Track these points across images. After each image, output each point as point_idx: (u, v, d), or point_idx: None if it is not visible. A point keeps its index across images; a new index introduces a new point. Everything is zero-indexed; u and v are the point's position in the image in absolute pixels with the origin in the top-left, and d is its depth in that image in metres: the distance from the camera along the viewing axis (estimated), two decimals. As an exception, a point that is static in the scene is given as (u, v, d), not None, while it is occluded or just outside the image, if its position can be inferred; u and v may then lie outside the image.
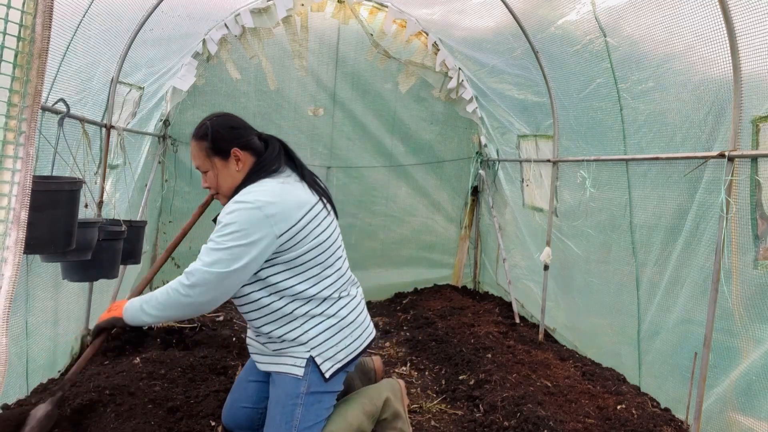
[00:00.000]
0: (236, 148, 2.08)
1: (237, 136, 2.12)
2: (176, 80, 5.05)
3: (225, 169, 2.09)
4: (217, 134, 2.08)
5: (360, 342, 2.23)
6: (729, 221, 2.77)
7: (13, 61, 1.18)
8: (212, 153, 2.08)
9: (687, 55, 3.09)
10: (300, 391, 2.09)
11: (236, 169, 2.10)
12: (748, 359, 2.72)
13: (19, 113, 1.18)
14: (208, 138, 2.08)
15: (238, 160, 2.09)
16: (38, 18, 1.17)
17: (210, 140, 2.08)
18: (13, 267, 1.14)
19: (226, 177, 2.10)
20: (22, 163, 1.18)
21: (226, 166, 2.09)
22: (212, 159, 2.08)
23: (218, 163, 2.08)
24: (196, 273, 1.93)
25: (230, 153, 2.08)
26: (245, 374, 2.44)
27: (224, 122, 2.14)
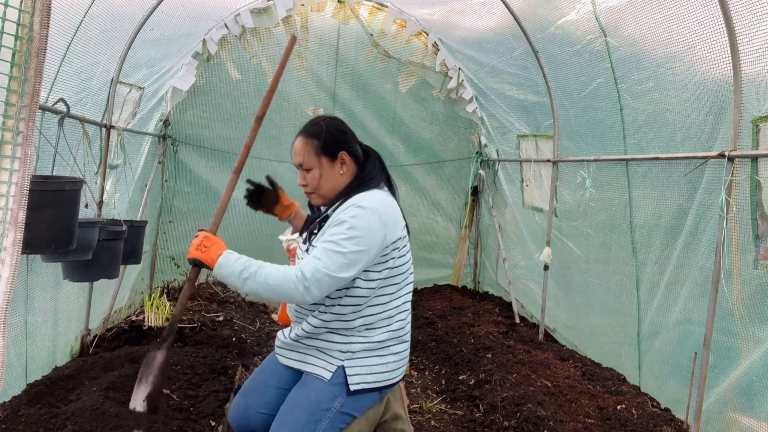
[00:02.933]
0: (344, 152, 2.12)
1: (346, 140, 2.16)
2: (176, 80, 5.05)
3: (330, 169, 2.11)
4: (330, 135, 2.12)
5: (392, 376, 2.20)
6: (729, 221, 2.76)
7: (10, 60, 1.18)
8: (321, 152, 2.10)
9: (687, 55, 3.09)
10: (334, 405, 2.04)
11: (340, 172, 2.12)
12: (748, 359, 2.72)
13: (17, 113, 1.17)
14: (320, 137, 2.10)
15: (342, 164, 2.12)
16: (36, 16, 1.17)
17: (321, 139, 2.10)
18: (11, 268, 1.14)
19: (329, 178, 2.12)
20: (20, 163, 1.18)
21: (331, 167, 2.11)
22: (320, 158, 2.10)
23: (325, 163, 2.10)
24: (316, 274, 1.90)
25: (338, 155, 2.11)
26: (266, 378, 2.30)
27: (336, 125, 2.18)
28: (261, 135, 6.32)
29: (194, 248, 2.05)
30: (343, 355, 2.08)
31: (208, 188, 5.63)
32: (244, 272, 1.95)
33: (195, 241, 2.07)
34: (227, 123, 5.63)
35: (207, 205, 5.64)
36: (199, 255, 2.04)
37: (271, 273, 1.94)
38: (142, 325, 4.38)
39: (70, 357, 3.67)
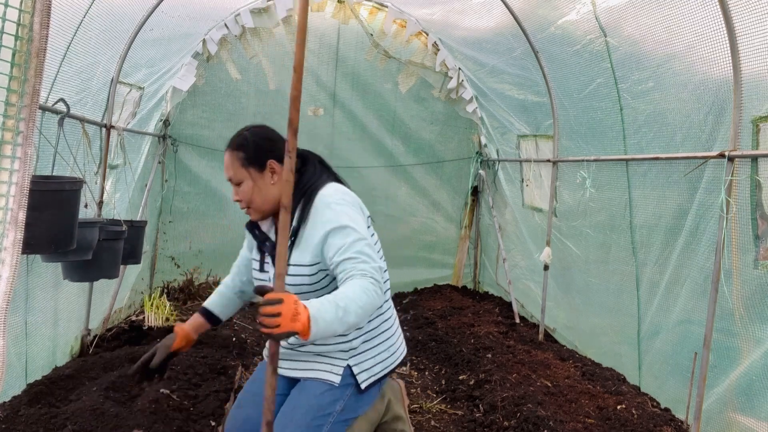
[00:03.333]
0: (273, 160, 2.03)
1: (274, 148, 2.07)
2: (176, 80, 5.05)
3: (260, 180, 2.01)
4: (254, 144, 2.05)
5: (395, 357, 2.19)
6: (729, 221, 2.76)
7: (11, 60, 1.18)
8: (248, 163, 2.01)
9: (687, 55, 3.09)
10: (335, 410, 2.00)
11: (271, 182, 2.02)
12: (748, 359, 2.72)
13: (17, 113, 1.17)
14: (244, 148, 2.04)
15: (273, 173, 2.03)
16: (36, 17, 1.17)
17: (246, 150, 2.03)
18: (11, 268, 1.14)
19: (260, 189, 2.01)
20: (20, 163, 1.18)
21: (261, 177, 2.01)
22: (248, 169, 2.01)
23: (254, 174, 2.01)
24: (378, 272, 1.80)
25: (266, 164, 2.02)
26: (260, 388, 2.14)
27: (262, 133, 2.13)
28: (261, 135, 6.28)
29: (289, 320, 1.52)
30: (346, 353, 2.05)
31: (208, 188, 5.63)
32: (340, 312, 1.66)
33: (283, 308, 1.51)
34: (227, 123, 5.63)
35: (207, 205, 5.64)
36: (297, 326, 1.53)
37: (355, 298, 1.70)
38: (142, 325, 4.38)
39: (70, 357, 3.67)
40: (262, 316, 1.50)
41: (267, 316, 1.50)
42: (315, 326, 1.57)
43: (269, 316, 1.50)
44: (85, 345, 3.80)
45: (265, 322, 1.50)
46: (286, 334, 1.52)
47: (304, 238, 1.95)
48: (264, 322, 1.50)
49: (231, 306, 2.30)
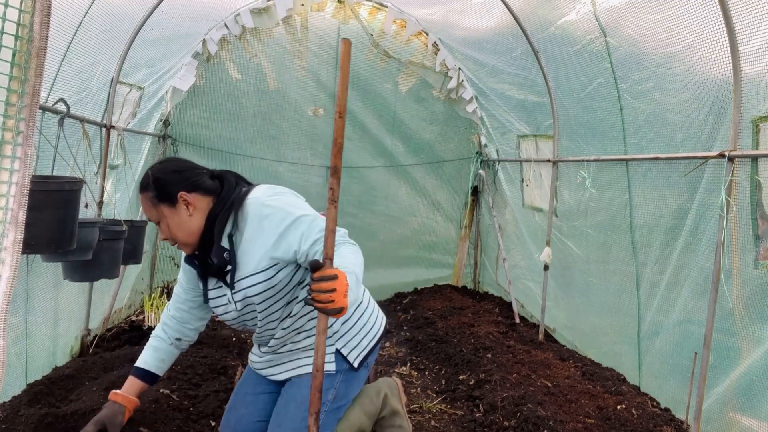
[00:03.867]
0: (182, 192, 1.96)
1: (181, 180, 2.00)
2: (176, 80, 5.05)
3: (175, 215, 1.96)
4: (158, 181, 1.97)
5: (378, 326, 2.20)
6: (729, 221, 2.77)
7: (11, 60, 1.18)
8: (158, 201, 1.96)
9: (687, 55, 3.09)
10: (328, 399, 2.03)
11: (187, 214, 1.96)
12: (748, 359, 2.72)
13: (17, 113, 1.17)
14: (150, 187, 1.97)
15: (187, 204, 1.97)
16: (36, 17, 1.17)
17: (152, 189, 1.96)
18: (11, 268, 1.14)
19: (179, 224, 1.96)
20: (20, 163, 1.18)
21: (175, 212, 1.96)
22: (158, 208, 1.96)
23: (166, 211, 1.95)
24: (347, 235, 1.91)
25: (177, 198, 1.95)
26: (251, 387, 2.24)
27: (165, 168, 2.05)
28: (261, 135, 6.33)
29: (342, 296, 1.58)
30: (331, 339, 2.06)
31: (208, 188, 5.62)
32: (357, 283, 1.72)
33: (337, 284, 1.56)
34: (227, 123, 5.63)
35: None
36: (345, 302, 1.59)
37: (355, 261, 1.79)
38: (142, 325, 4.38)
39: (70, 357, 3.67)
40: (316, 292, 1.55)
41: (322, 292, 1.54)
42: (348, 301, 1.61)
43: (324, 292, 1.55)
44: (85, 345, 3.80)
45: (320, 298, 1.55)
46: (337, 310, 1.56)
47: (244, 250, 1.93)
48: (318, 297, 1.55)
49: (168, 359, 2.22)
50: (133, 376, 2.17)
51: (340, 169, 1.65)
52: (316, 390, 1.62)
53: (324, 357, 1.67)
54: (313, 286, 1.57)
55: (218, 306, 2.08)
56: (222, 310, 2.07)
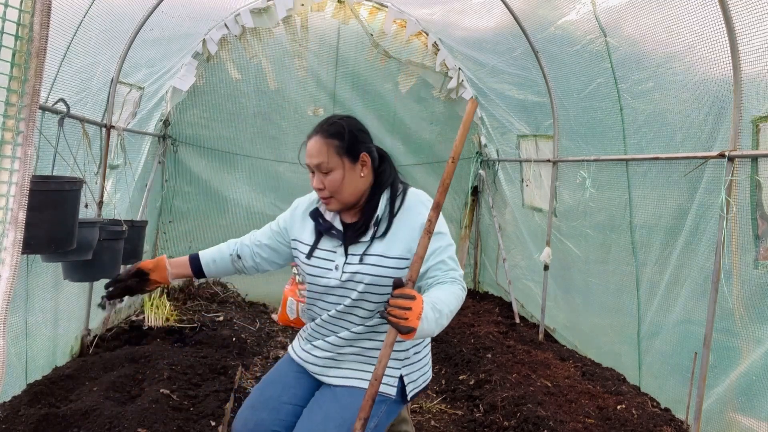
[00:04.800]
0: (365, 153, 1.99)
1: (366, 140, 2.03)
2: (176, 80, 5.05)
3: (351, 171, 1.96)
4: (351, 135, 1.97)
5: (431, 370, 2.17)
6: (729, 221, 2.77)
7: (11, 60, 1.18)
8: (343, 152, 1.94)
9: (687, 55, 3.09)
10: (369, 426, 1.87)
11: (361, 175, 1.98)
12: (748, 359, 2.72)
13: (17, 113, 1.17)
14: (342, 137, 1.95)
15: (363, 165, 1.98)
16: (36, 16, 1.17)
17: (343, 139, 1.95)
18: (11, 268, 1.14)
19: (351, 181, 1.95)
20: (20, 163, 1.18)
21: (353, 169, 1.96)
22: (342, 159, 1.94)
23: (347, 164, 1.94)
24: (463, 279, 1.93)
25: (359, 156, 1.97)
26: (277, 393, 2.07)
27: (356, 124, 2.05)
28: (261, 135, 6.33)
29: (416, 317, 1.63)
30: (400, 362, 1.99)
31: (208, 188, 5.63)
32: (439, 318, 1.73)
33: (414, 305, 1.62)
34: (227, 123, 5.63)
35: (207, 205, 5.64)
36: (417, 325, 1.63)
37: (451, 303, 1.80)
38: (142, 325, 4.38)
39: (70, 357, 3.67)
40: (392, 307, 1.63)
41: (398, 308, 1.62)
42: (420, 326, 1.64)
43: (401, 309, 1.62)
44: (85, 345, 3.80)
45: (395, 313, 1.62)
46: (407, 329, 1.62)
47: (393, 232, 1.95)
48: (393, 312, 1.62)
49: (223, 266, 2.24)
50: (187, 257, 2.23)
51: (441, 205, 1.74)
52: (370, 398, 1.65)
53: (385, 368, 1.67)
54: (391, 301, 1.63)
55: (318, 268, 2.01)
56: (319, 272, 2.01)
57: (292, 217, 2.17)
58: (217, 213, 5.63)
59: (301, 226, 2.13)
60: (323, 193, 1.97)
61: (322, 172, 1.95)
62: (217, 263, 2.23)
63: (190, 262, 2.21)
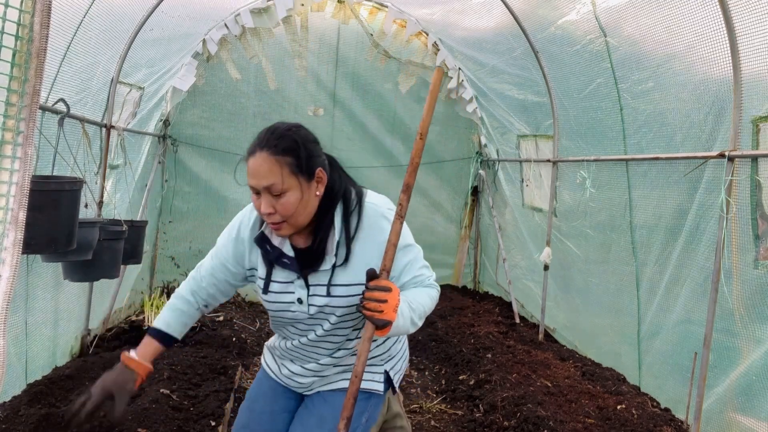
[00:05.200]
0: (321, 168, 1.72)
1: (319, 152, 1.76)
2: (176, 80, 5.05)
3: (308, 191, 1.68)
4: (306, 149, 1.69)
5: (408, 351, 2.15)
6: (729, 221, 2.77)
7: (11, 61, 1.18)
8: (298, 171, 1.65)
9: (687, 55, 3.09)
10: (361, 422, 1.87)
11: (316, 194, 1.71)
12: (748, 359, 2.72)
13: (18, 113, 1.17)
14: (296, 153, 1.66)
15: (319, 182, 1.72)
16: (36, 17, 1.17)
17: (297, 155, 1.66)
18: (11, 268, 1.14)
19: (307, 202, 1.68)
20: (20, 163, 1.18)
21: (309, 188, 1.68)
22: (298, 178, 1.65)
23: (304, 184, 1.67)
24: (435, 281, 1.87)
25: (315, 173, 1.70)
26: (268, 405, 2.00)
27: (307, 134, 1.77)
28: (261, 135, 6.29)
29: (392, 310, 1.58)
30: (383, 360, 1.97)
31: (208, 188, 5.64)
32: (413, 317, 1.70)
33: (390, 297, 1.57)
34: (227, 123, 5.63)
35: (207, 205, 5.64)
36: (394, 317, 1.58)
37: (425, 304, 1.76)
38: (142, 325, 4.38)
39: (70, 357, 3.67)
40: (368, 300, 1.56)
41: (374, 301, 1.55)
42: (396, 321, 1.59)
43: (376, 301, 1.55)
44: (85, 345, 3.80)
45: (370, 306, 1.56)
46: (384, 322, 1.57)
47: (357, 255, 1.74)
48: (369, 306, 1.56)
49: (190, 324, 1.95)
50: (151, 337, 1.86)
51: (411, 187, 1.67)
52: (352, 396, 1.61)
53: (365, 365, 1.62)
54: (367, 294, 1.56)
55: (279, 302, 1.81)
56: (282, 306, 1.81)
57: (238, 242, 1.86)
58: (217, 213, 5.63)
59: (250, 253, 1.85)
60: (273, 218, 1.68)
61: (272, 195, 1.64)
62: (188, 324, 1.95)
63: (163, 343, 1.87)
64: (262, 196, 1.65)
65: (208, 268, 1.91)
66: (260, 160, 1.64)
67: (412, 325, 1.70)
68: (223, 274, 1.89)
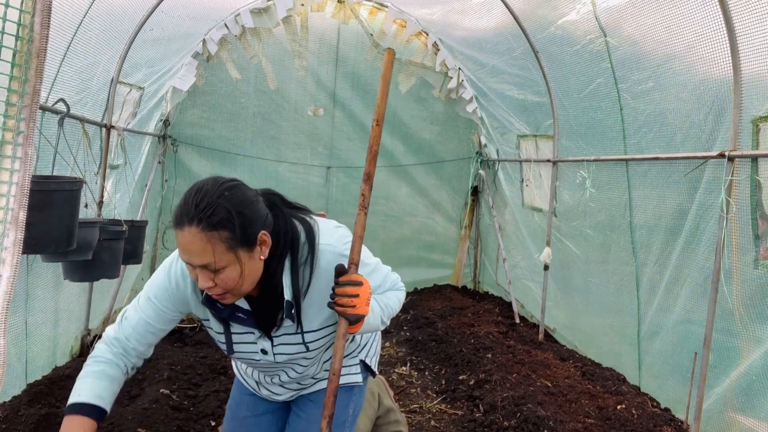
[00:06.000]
0: (263, 231, 1.47)
1: (259, 212, 1.48)
2: (176, 80, 5.05)
3: (250, 261, 1.45)
4: (242, 216, 1.42)
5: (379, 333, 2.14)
6: (729, 221, 2.77)
7: (11, 61, 1.18)
8: (236, 244, 1.41)
9: (687, 55, 3.09)
10: (349, 414, 1.90)
11: (260, 258, 1.49)
12: (748, 359, 2.72)
13: (18, 113, 1.17)
14: (231, 224, 1.40)
15: (263, 245, 1.48)
16: (37, 17, 1.17)
17: (234, 228, 1.40)
18: (12, 268, 1.14)
19: (251, 272, 1.47)
20: (20, 163, 1.18)
21: (251, 258, 1.46)
22: (236, 252, 1.41)
23: (244, 256, 1.43)
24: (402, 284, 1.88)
25: (257, 239, 1.45)
26: (250, 409, 1.97)
27: (241, 195, 1.45)
28: (261, 135, 6.33)
29: (364, 304, 1.53)
30: (357, 352, 1.97)
31: (208, 188, 5.64)
32: (383, 317, 1.69)
33: (362, 291, 1.52)
34: (227, 123, 5.63)
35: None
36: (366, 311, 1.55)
37: (392, 305, 1.76)
38: (142, 325, 4.37)
39: (70, 357, 3.67)
40: (339, 296, 1.52)
41: (346, 296, 1.52)
42: (366, 317, 1.57)
43: (348, 296, 1.52)
44: (85, 345, 3.80)
45: (342, 302, 1.52)
46: (357, 317, 1.53)
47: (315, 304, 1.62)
48: (340, 301, 1.52)
49: (118, 391, 1.66)
50: (81, 416, 1.52)
51: (372, 176, 1.61)
52: (332, 394, 1.61)
53: (341, 362, 1.61)
54: (337, 289, 1.52)
55: (243, 353, 1.70)
56: (246, 356, 1.71)
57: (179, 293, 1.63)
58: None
59: (197, 306, 1.65)
60: (214, 291, 1.47)
61: (209, 271, 1.43)
62: (117, 393, 1.65)
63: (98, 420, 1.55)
64: (198, 271, 1.44)
65: (137, 325, 1.65)
66: (189, 236, 1.39)
67: (381, 323, 1.70)
68: (160, 324, 1.66)
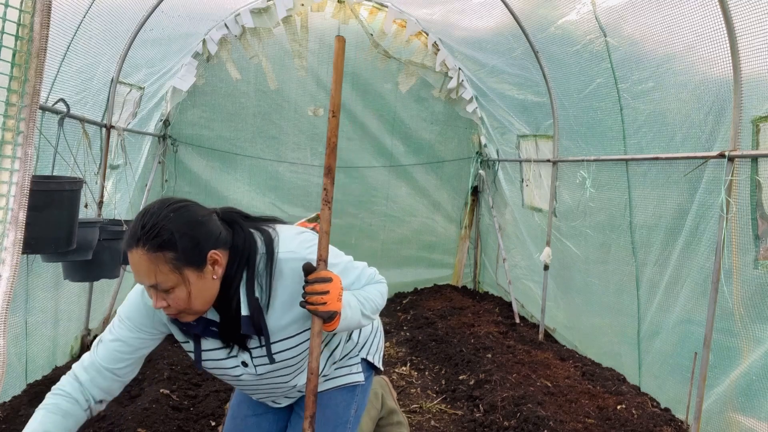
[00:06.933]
0: (213, 251, 1.48)
1: (210, 232, 1.49)
2: (176, 80, 5.06)
3: (200, 280, 1.46)
4: (187, 238, 1.43)
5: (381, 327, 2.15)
6: (729, 221, 2.77)
7: (11, 61, 1.18)
8: (182, 264, 1.42)
9: (687, 55, 3.09)
10: (351, 414, 1.91)
11: (213, 277, 1.49)
12: (748, 359, 2.72)
13: (18, 113, 1.17)
14: (174, 245, 1.41)
15: (215, 265, 1.49)
16: (37, 17, 1.17)
17: (176, 248, 1.41)
18: (11, 268, 1.14)
19: (202, 291, 1.47)
20: (20, 163, 1.18)
21: (201, 277, 1.46)
22: (183, 272, 1.43)
23: (191, 276, 1.44)
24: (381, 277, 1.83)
25: (206, 258, 1.46)
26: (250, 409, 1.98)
27: (189, 216, 1.48)
28: (261, 135, 6.33)
29: (336, 299, 1.52)
30: (358, 351, 1.98)
31: (208, 188, 5.64)
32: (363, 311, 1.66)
33: (332, 287, 1.51)
34: (227, 123, 5.63)
35: (207, 204, 5.60)
36: (339, 307, 1.53)
37: (373, 298, 1.71)
38: (142, 325, 4.37)
39: (70, 357, 3.67)
40: (309, 294, 1.50)
41: (315, 294, 1.50)
42: (344, 312, 1.55)
43: (318, 294, 1.50)
44: (85, 345, 3.80)
45: (312, 300, 1.50)
46: (330, 313, 1.51)
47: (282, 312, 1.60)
48: (311, 299, 1.50)
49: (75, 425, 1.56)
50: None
51: (333, 169, 1.60)
52: (311, 393, 1.59)
53: (318, 360, 1.59)
54: (307, 288, 1.50)
55: (220, 369, 1.68)
56: (224, 372, 1.68)
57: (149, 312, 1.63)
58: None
59: (168, 323, 1.65)
60: (169, 311, 1.49)
61: (160, 290, 1.45)
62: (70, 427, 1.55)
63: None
64: (151, 291, 1.47)
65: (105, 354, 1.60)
66: (137, 258, 1.42)
67: (365, 318, 1.67)
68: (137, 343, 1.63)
